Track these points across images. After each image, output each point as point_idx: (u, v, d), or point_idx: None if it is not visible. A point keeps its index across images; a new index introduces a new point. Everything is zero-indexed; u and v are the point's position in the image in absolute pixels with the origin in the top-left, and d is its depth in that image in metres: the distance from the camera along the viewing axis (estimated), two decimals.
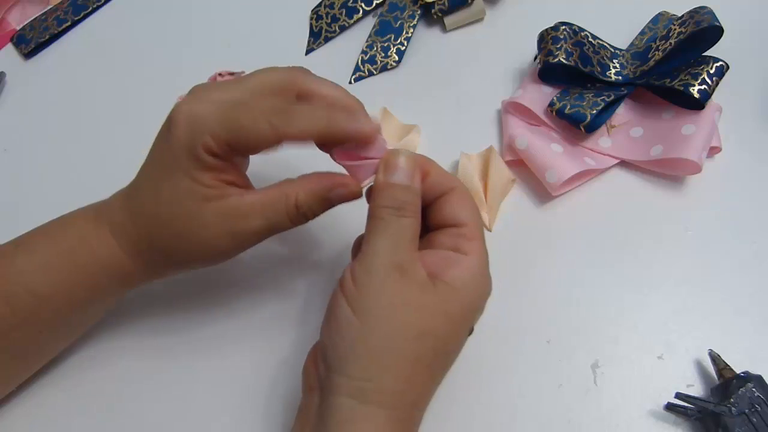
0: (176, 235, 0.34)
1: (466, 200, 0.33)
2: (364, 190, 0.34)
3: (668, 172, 0.43)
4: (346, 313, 0.30)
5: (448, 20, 0.52)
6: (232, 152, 0.33)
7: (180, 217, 0.33)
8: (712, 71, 0.42)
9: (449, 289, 0.30)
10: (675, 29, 0.44)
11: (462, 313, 0.31)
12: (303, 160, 0.37)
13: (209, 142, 0.32)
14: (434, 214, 0.34)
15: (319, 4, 0.55)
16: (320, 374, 0.31)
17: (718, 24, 0.42)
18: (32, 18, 0.59)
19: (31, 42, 0.58)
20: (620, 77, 0.45)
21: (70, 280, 0.36)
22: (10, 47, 0.59)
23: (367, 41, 0.52)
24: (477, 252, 0.32)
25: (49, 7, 0.60)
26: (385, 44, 0.51)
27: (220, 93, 0.33)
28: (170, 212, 0.34)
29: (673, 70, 0.43)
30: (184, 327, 0.42)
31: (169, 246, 0.34)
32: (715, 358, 0.36)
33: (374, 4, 0.53)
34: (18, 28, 0.59)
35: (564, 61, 0.44)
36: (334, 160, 0.34)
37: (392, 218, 0.31)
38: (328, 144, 0.34)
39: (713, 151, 0.43)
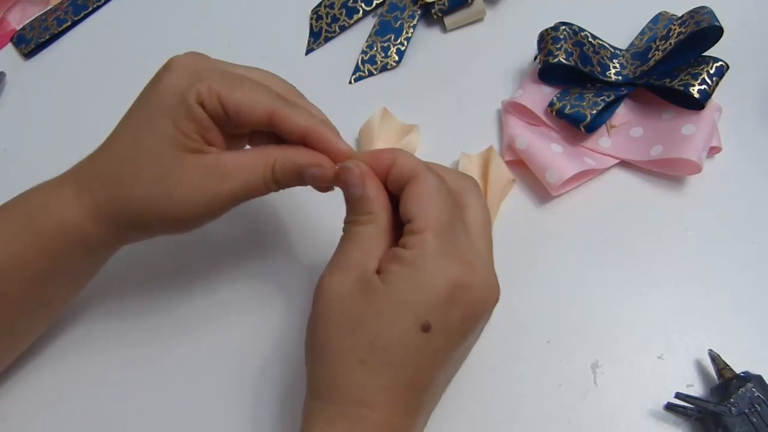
0: (149, 186, 0.33)
1: (420, 190, 0.31)
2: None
3: (668, 172, 0.43)
4: (309, 321, 0.32)
5: (448, 20, 0.51)
6: (221, 113, 0.32)
7: (156, 166, 0.32)
8: (712, 71, 0.42)
9: (381, 286, 0.30)
10: (675, 29, 0.44)
11: (392, 308, 0.30)
12: None
13: (204, 91, 0.32)
14: (401, 209, 0.32)
15: (319, 4, 0.55)
16: None
17: (718, 24, 0.42)
18: (32, 18, 0.59)
19: (31, 42, 0.57)
20: (620, 77, 0.45)
21: (29, 249, 0.34)
22: (10, 47, 0.59)
23: (367, 41, 0.52)
24: (419, 246, 0.30)
25: (49, 7, 0.60)
26: (385, 44, 0.51)
27: (225, 64, 0.35)
28: (147, 161, 0.33)
29: (673, 70, 0.43)
30: (168, 309, 0.43)
31: (139, 201, 0.33)
32: (715, 358, 0.36)
33: (374, 4, 0.53)
34: (18, 28, 0.59)
35: (564, 61, 0.44)
36: None
37: (349, 229, 0.32)
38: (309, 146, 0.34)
39: (713, 151, 0.43)
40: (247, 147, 0.37)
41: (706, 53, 0.43)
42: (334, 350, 0.30)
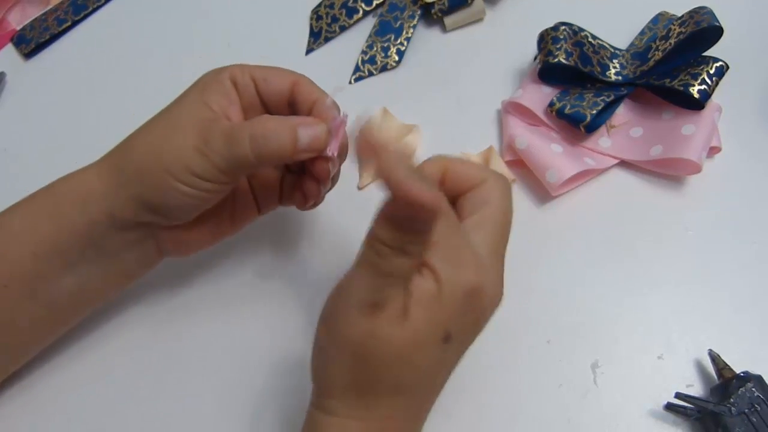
0: (150, 135, 0.35)
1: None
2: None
3: (668, 172, 0.43)
4: (318, 339, 0.32)
5: (448, 20, 0.51)
6: (252, 87, 0.36)
7: (166, 121, 0.35)
8: (711, 71, 0.42)
9: (414, 319, 0.29)
10: (675, 29, 0.44)
11: (424, 336, 0.30)
12: None
13: (236, 71, 0.36)
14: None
15: (319, 4, 0.55)
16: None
17: (717, 24, 0.42)
18: (32, 18, 0.59)
19: (31, 42, 0.57)
20: (620, 77, 0.45)
21: (38, 208, 0.36)
22: (10, 47, 0.59)
23: (367, 41, 0.52)
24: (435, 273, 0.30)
25: (49, 8, 0.60)
26: (385, 44, 0.51)
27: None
28: (162, 120, 0.36)
29: (673, 70, 0.43)
30: (176, 307, 0.43)
31: (138, 148, 0.35)
32: (715, 358, 0.36)
33: (374, 4, 0.53)
34: (18, 28, 0.59)
35: (564, 61, 0.44)
36: None
37: (381, 256, 0.28)
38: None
39: (713, 151, 0.43)
40: None
41: (705, 53, 0.43)
42: (367, 379, 0.30)
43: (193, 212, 0.36)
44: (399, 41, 0.51)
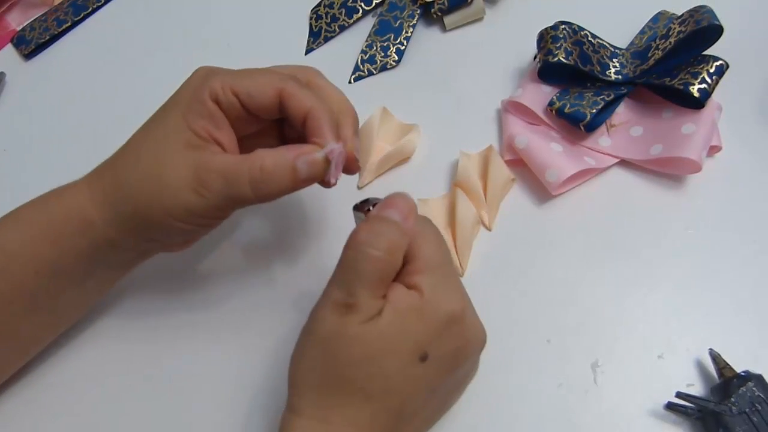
0: (148, 174, 0.33)
1: (419, 232, 0.32)
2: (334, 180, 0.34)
3: (668, 171, 0.43)
4: (298, 338, 0.32)
5: (448, 20, 0.51)
6: (237, 105, 0.34)
7: (156, 157, 0.33)
8: (711, 70, 0.42)
9: (388, 324, 0.30)
10: (675, 28, 0.44)
11: (397, 343, 0.30)
12: None
13: (216, 86, 0.33)
14: None
15: (319, 4, 0.55)
16: None
17: (717, 23, 0.42)
18: (32, 19, 0.59)
19: (32, 43, 0.57)
20: (620, 76, 0.45)
21: (38, 233, 0.35)
22: (10, 47, 0.59)
23: (366, 41, 0.52)
24: (423, 286, 0.31)
25: (49, 8, 0.60)
26: (385, 44, 0.51)
27: (245, 70, 0.36)
28: (151, 150, 0.34)
29: (673, 69, 0.43)
30: (177, 327, 0.43)
31: (134, 189, 0.34)
32: (716, 357, 0.36)
33: (374, 4, 0.53)
34: (18, 28, 0.59)
35: (563, 60, 0.44)
36: None
37: (360, 253, 0.30)
38: (305, 130, 0.34)
39: (713, 150, 0.43)
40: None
41: (706, 52, 0.43)
42: (334, 378, 0.31)
43: (194, 237, 0.37)
44: (398, 41, 0.51)
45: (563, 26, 0.45)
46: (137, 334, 0.42)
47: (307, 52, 0.54)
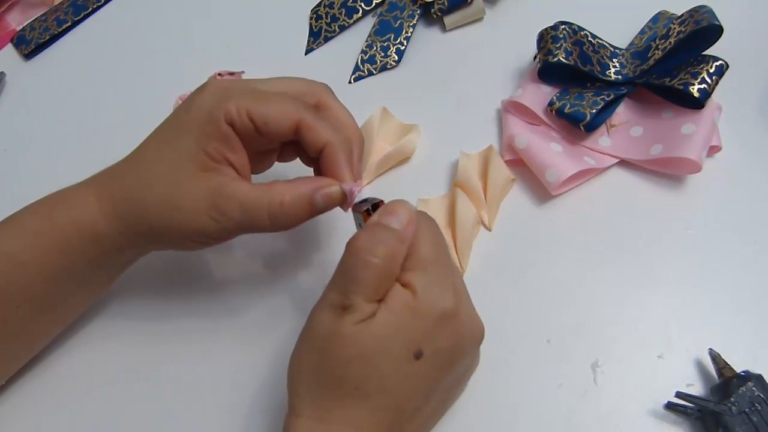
0: (162, 196, 0.34)
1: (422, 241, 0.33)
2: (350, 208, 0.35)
3: (668, 171, 0.43)
4: (298, 342, 0.33)
5: (448, 20, 0.51)
6: (251, 129, 0.33)
7: (171, 181, 0.34)
8: (711, 70, 0.42)
9: (384, 323, 0.31)
10: (675, 28, 0.44)
11: (391, 341, 0.31)
12: None
13: (232, 109, 0.33)
14: None
15: (319, 4, 0.55)
16: None
17: (717, 23, 0.42)
18: (32, 18, 0.59)
19: (32, 42, 0.58)
20: (620, 76, 0.45)
21: (47, 243, 0.35)
22: (10, 47, 0.59)
23: (366, 41, 0.52)
24: (417, 285, 0.31)
25: (48, 8, 0.60)
26: (385, 44, 0.51)
27: (250, 82, 0.36)
28: (165, 171, 0.34)
29: (673, 69, 0.43)
30: (177, 330, 0.43)
31: (152, 206, 0.34)
32: (716, 357, 0.36)
33: (374, 4, 0.53)
34: (18, 28, 0.59)
35: (563, 60, 0.44)
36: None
37: (359, 260, 0.31)
38: (318, 161, 0.35)
39: (713, 150, 0.43)
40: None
41: (705, 52, 0.43)
42: (330, 378, 0.31)
43: (204, 247, 0.37)
44: (398, 41, 0.51)
45: (563, 26, 0.45)
46: (138, 336, 0.43)
47: (307, 52, 0.54)
